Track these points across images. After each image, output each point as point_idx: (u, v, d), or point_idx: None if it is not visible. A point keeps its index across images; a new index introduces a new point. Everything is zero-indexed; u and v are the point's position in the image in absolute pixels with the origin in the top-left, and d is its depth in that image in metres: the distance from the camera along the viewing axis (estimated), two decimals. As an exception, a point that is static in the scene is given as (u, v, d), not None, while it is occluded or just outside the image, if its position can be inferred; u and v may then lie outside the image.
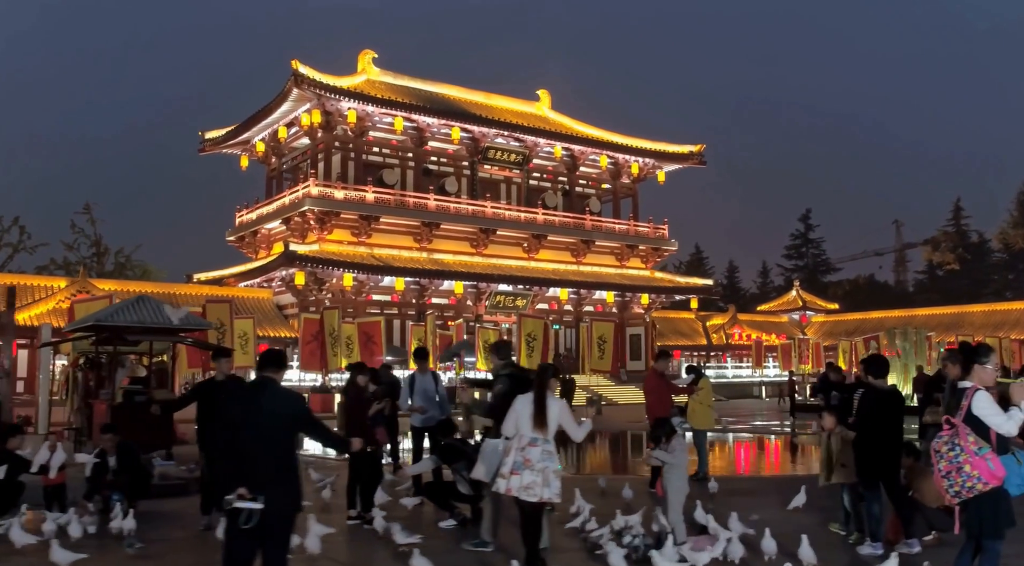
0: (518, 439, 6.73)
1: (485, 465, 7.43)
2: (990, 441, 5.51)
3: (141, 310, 13.70)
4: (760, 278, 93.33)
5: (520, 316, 27.63)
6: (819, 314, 65.30)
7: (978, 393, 5.61)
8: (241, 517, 4.72)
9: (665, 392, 11.94)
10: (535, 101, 54.28)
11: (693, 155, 53.64)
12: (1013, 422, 5.44)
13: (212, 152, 50.81)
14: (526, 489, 6.54)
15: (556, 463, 6.72)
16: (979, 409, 5.54)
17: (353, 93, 42.45)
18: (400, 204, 43.91)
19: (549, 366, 7.24)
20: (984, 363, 5.73)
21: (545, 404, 6.73)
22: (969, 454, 5.42)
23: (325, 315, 23.87)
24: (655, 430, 7.65)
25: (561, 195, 51.54)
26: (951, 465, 5.47)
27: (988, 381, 5.73)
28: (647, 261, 53.23)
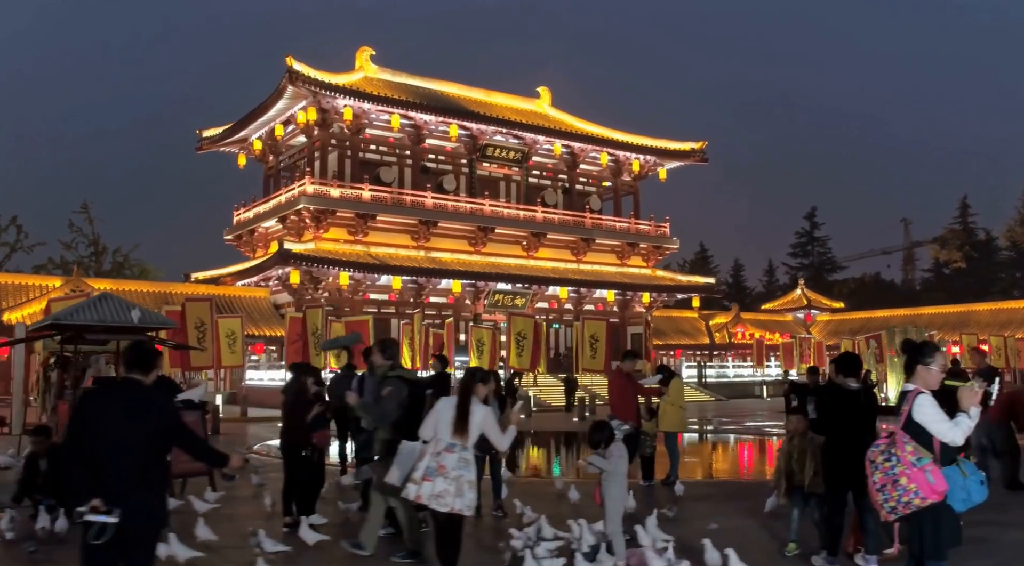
0: (435, 443, 6.31)
1: (399, 469, 7.01)
2: (933, 450, 4.97)
3: (102, 308, 13.32)
4: (766, 277, 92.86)
5: (510, 314, 27.22)
6: (824, 313, 64.67)
7: (920, 397, 5.05)
8: (92, 531, 4.32)
9: (629, 393, 11.51)
10: (535, 98, 53.83)
11: (695, 152, 53.08)
12: (959, 430, 4.90)
13: (209, 150, 50.55)
14: (437, 497, 6.13)
15: (473, 472, 6.28)
16: (921, 415, 4.99)
17: (349, 90, 42.08)
18: (397, 202, 43.53)
19: (477, 370, 6.78)
20: (928, 363, 5.20)
21: (468, 409, 6.31)
22: (906, 465, 4.88)
23: (308, 314, 23.46)
24: (592, 434, 7.20)
25: (561, 193, 51.08)
26: (886, 477, 4.94)
27: (933, 383, 5.17)
28: (648, 259, 52.72)
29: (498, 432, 6.48)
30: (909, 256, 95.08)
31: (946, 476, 4.90)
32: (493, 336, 29.61)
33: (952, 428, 4.92)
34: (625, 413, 11.21)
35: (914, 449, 4.90)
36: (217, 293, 43.55)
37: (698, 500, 10.95)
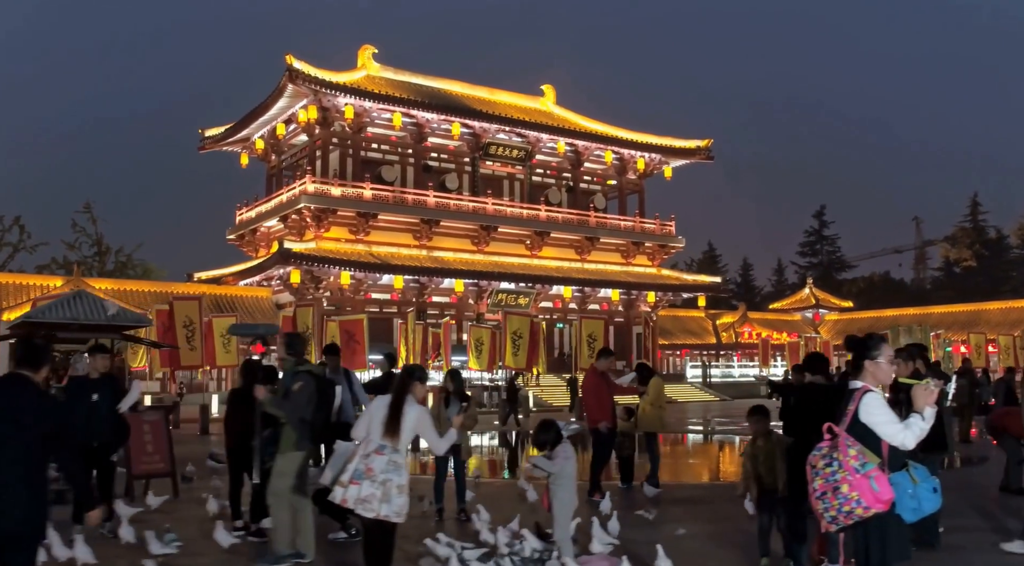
0: (365, 444, 6.00)
1: (331, 470, 6.69)
2: (881, 454, 4.54)
3: (77, 306, 13.11)
4: (775, 276, 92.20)
5: (506, 313, 26.92)
6: (832, 312, 64.13)
7: (868, 396, 4.61)
8: None
9: (605, 393, 11.18)
10: (539, 97, 53.48)
11: (700, 150, 52.66)
12: (911, 432, 4.48)
13: (212, 150, 50.44)
14: (362, 502, 5.79)
15: (403, 476, 5.93)
16: (868, 415, 4.55)
17: (349, 88, 41.87)
18: (399, 201, 43.29)
19: (415, 368, 6.45)
20: (875, 357, 4.73)
21: (400, 409, 5.99)
22: (848, 471, 4.41)
23: (299, 312, 23.30)
24: (538, 435, 6.88)
25: (565, 191, 50.75)
26: (827, 484, 4.50)
27: (883, 379, 4.77)
28: (654, 258, 52.33)
29: (434, 434, 6.15)
30: (921, 255, 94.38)
31: (894, 484, 4.49)
32: (493, 336, 29.34)
33: (903, 430, 4.50)
34: (600, 413, 10.90)
35: (858, 453, 4.46)
36: (219, 293, 43.54)
37: (675, 503, 10.62)
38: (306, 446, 7.40)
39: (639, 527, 8.77)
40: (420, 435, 6.12)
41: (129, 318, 13.89)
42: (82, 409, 8.49)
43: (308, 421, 7.33)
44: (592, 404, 11.13)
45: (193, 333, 20.43)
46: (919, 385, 4.62)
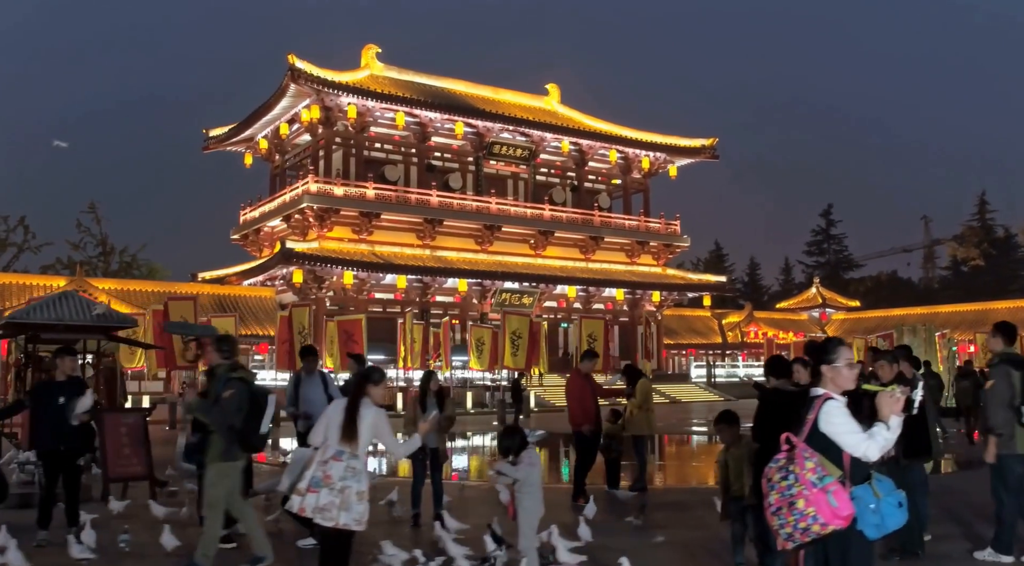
0: (323, 450, 5.83)
1: (289, 477, 6.51)
2: (843, 466, 4.24)
3: (62, 307, 12.98)
4: (782, 275, 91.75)
5: (504, 313, 26.76)
6: (840, 311, 63.75)
7: (828, 403, 4.31)
8: None
9: (589, 396, 10.96)
10: (544, 96, 53.31)
11: (705, 149, 52.42)
12: (875, 443, 4.17)
13: (216, 150, 50.41)
14: (321, 511, 5.60)
15: (363, 482, 5.75)
16: (828, 424, 4.25)
17: (352, 87, 41.77)
18: (401, 200, 43.19)
19: (371, 370, 6.25)
20: (832, 361, 4.41)
21: (356, 413, 5.81)
22: (805, 485, 4.11)
23: (294, 313, 23.16)
24: (502, 440, 6.70)
25: (569, 191, 50.57)
26: (782, 499, 4.17)
27: (844, 384, 4.41)
28: (659, 258, 52.12)
29: (391, 438, 5.96)
30: (929, 254, 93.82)
31: (855, 498, 4.19)
32: (494, 336, 29.18)
33: (865, 440, 4.19)
34: (583, 416, 10.70)
35: (815, 466, 4.17)
36: (222, 293, 43.53)
37: (662, 508, 10.41)
38: (235, 455, 7.12)
39: (615, 533, 8.58)
40: (378, 439, 5.94)
41: (116, 318, 13.76)
42: (48, 413, 8.36)
43: (238, 429, 7.02)
44: (575, 407, 10.93)
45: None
46: (884, 392, 4.30)
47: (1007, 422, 7.76)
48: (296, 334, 22.29)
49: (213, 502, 7.10)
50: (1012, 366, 7.81)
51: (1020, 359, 7.91)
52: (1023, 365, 7.79)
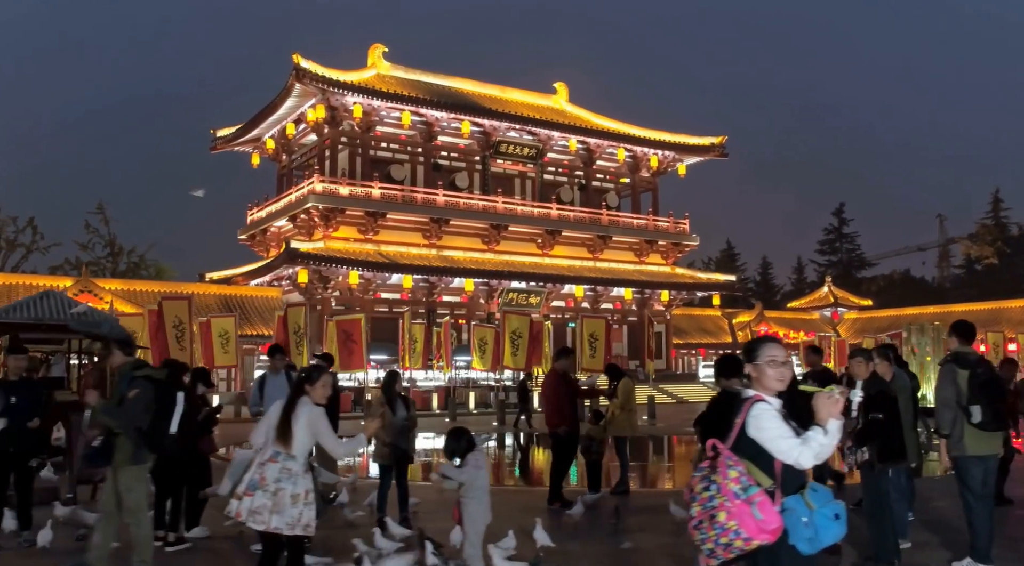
0: (262, 452, 5.65)
1: (230, 479, 6.31)
2: (774, 475, 3.90)
3: (42, 307, 12.89)
4: (795, 274, 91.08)
5: (504, 313, 26.56)
6: (852, 311, 63.22)
7: (757, 406, 3.96)
8: None
9: (565, 396, 10.63)
10: (552, 94, 53.07)
11: (714, 147, 52.06)
12: (808, 448, 3.83)
13: (223, 150, 50.44)
14: (253, 514, 5.40)
15: (300, 484, 5.52)
16: (757, 429, 3.91)
17: (357, 87, 41.66)
18: (407, 200, 43.05)
19: (313, 369, 6.07)
20: (755, 361, 4.09)
21: (292, 413, 5.61)
22: (727, 496, 3.78)
23: (289, 312, 23.08)
24: (448, 442, 6.50)
25: (577, 190, 50.32)
26: (704, 511, 3.87)
27: (773, 384, 4.05)
28: (668, 257, 51.79)
29: (331, 438, 5.76)
30: (944, 253, 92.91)
31: (786, 510, 3.84)
32: (496, 336, 29.00)
33: (798, 446, 3.83)
34: (559, 417, 10.45)
35: (740, 475, 3.84)
36: (229, 293, 43.57)
37: (641, 512, 10.15)
38: (144, 458, 6.89)
39: (581, 538, 8.36)
40: (317, 439, 5.75)
41: (97, 318, 13.66)
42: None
43: (145, 431, 6.74)
44: (550, 408, 10.67)
45: (183, 333, 20.26)
46: (821, 393, 3.95)
47: (952, 423, 7.59)
48: (291, 334, 22.17)
49: (135, 507, 6.86)
50: (958, 365, 7.63)
51: (968, 358, 7.72)
52: (970, 364, 7.61)
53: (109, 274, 50.91)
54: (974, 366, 7.54)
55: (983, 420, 7.36)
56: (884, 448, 7.49)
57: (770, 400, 4.06)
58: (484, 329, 29.98)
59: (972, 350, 7.90)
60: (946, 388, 7.58)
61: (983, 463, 7.58)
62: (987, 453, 7.59)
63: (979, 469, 7.56)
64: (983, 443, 7.53)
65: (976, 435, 7.47)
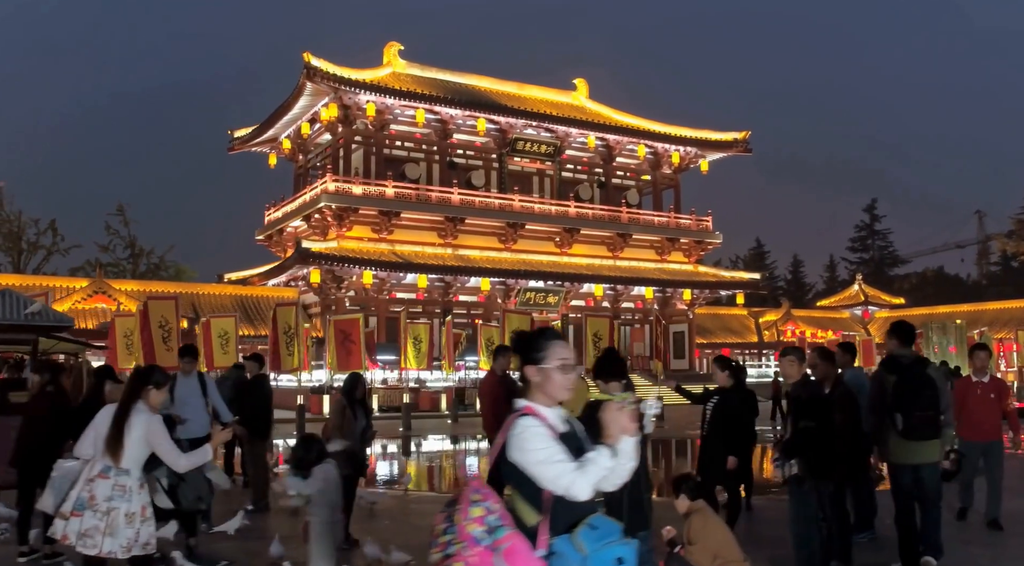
0: (90, 466, 5.04)
1: (53, 496, 5.74)
2: (541, 508, 3.09)
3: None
4: (827, 273, 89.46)
5: (504, 312, 25.93)
6: (883, 309, 61.76)
7: (521, 422, 3.21)
8: None
9: (503, 400, 9.44)
10: (572, 91, 52.33)
11: (738, 142, 51.02)
12: (585, 475, 3.05)
13: (241, 150, 50.34)
14: (83, 537, 4.81)
15: (135, 502, 4.96)
16: (519, 450, 3.15)
17: (369, 85, 41.23)
18: (422, 199, 42.56)
19: (149, 369, 5.49)
20: (540, 362, 3.29)
21: (125, 421, 5.02)
22: (465, 541, 2.98)
23: (279, 312, 22.61)
24: (295, 451, 5.86)
25: (597, 187, 49.53)
26: (441, 559, 3.05)
27: (556, 394, 3.29)
28: (690, 255, 50.83)
29: (170, 448, 5.11)
30: (984, 250, 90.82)
31: (555, 554, 3.05)
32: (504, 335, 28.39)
33: (571, 472, 3.05)
34: (497, 423, 9.70)
35: (486, 513, 2.99)
36: (245, 294, 43.45)
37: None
38: None
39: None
40: (154, 450, 5.14)
41: (52, 318, 13.27)
42: None
43: None
44: (487, 412, 9.80)
45: (170, 333, 19.82)
46: (610, 404, 3.22)
47: (878, 429, 7.02)
48: (281, 334, 21.72)
49: None
50: (887, 370, 7.03)
51: (900, 362, 7.09)
52: (902, 369, 7.00)
53: (129, 275, 51.02)
54: (903, 371, 6.98)
55: (904, 428, 6.88)
56: (814, 461, 6.80)
57: (545, 413, 3.28)
58: (491, 329, 29.39)
59: (909, 353, 7.32)
60: (874, 393, 7.23)
61: (913, 471, 7.09)
62: (917, 462, 7.06)
63: (908, 477, 7.09)
64: (910, 452, 7.03)
65: (900, 443, 7.01)
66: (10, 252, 50.09)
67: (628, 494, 5.33)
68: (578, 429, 3.37)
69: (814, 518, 6.87)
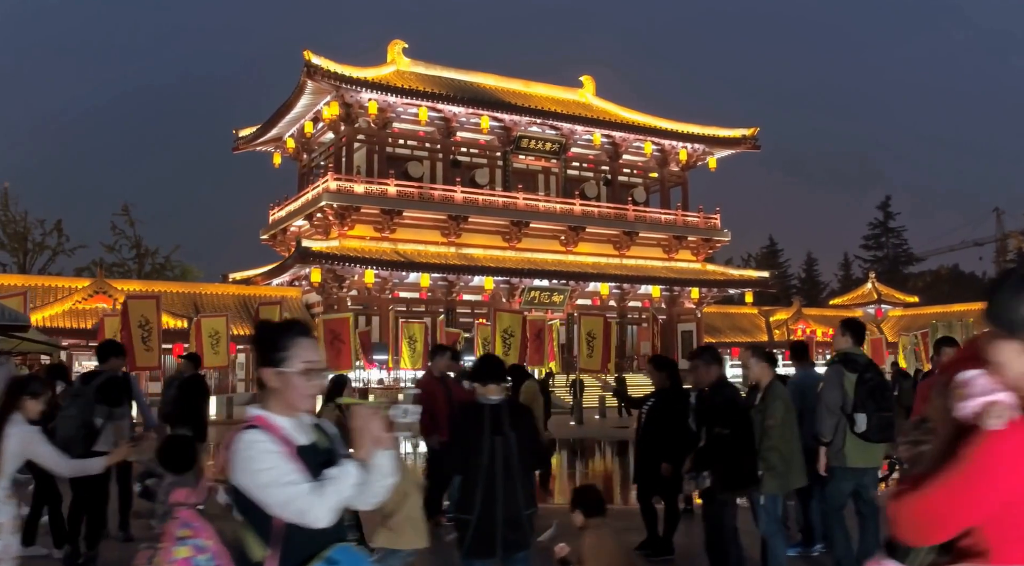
0: None
1: None
2: (268, 540, 2.62)
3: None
4: (842, 271, 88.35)
5: (495, 310, 25.51)
6: (897, 308, 60.90)
7: (245, 436, 2.67)
8: None
9: (442, 401, 9.19)
10: (578, 88, 51.86)
11: (746, 139, 50.40)
12: (324, 498, 2.58)
13: (246, 150, 50.22)
14: None
15: (3, 513, 4.53)
16: (243, 471, 2.64)
17: (370, 83, 40.94)
18: (424, 197, 42.26)
19: (26, 379, 5.14)
20: (280, 363, 2.73)
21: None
22: None
23: (262, 311, 22.35)
24: (160, 451, 5.48)
25: (603, 185, 49.09)
26: None
27: (296, 403, 2.74)
28: (698, 253, 50.27)
29: (51, 454, 4.79)
30: (1002, 247, 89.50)
31: None
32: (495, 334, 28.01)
33: (308, 494, 2.57)
34: (432, 425, 9.23)
35: (194, 551, 2.63)
36: (248, 294, 43.23)
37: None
38: None
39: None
40: (34, 459, 4.81)
41: (7, 317, 13.04)
42: None
43: None
44: (424, 413, 9.49)
45: (150, 333, 19.57)
46: (360, 409, 2.70)
47: (835, 430, 6.51)
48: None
49: None
50: (846, 367, 6.59)
51: (857, 361, 6.66)
52: (859, 368, 6.55)
53: (135, 276, 51.00)
54: (863, 370, 6.60)
55: (867, 430, 6.47)
56: (728, 473, 6.36)
57: (279, 423, 2.74)
58: (487, 328, 28.97)
59: (862, 352, 6.88)
60: (831, 392, 6.65)
61: (857, 476, 6.67)
62: (866, 466, 6.70)
63: (850, 483, 6.67)
64: (864, 454, 6.62)
65: (857, 445, 6.57)
66: (15, 253, 50.20)
67: (503, 510, 4.95)
68: (330, 437, 2.88)
69: (731, 535, 6.45)
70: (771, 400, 6.53)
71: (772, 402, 6.50)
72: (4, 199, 49.99)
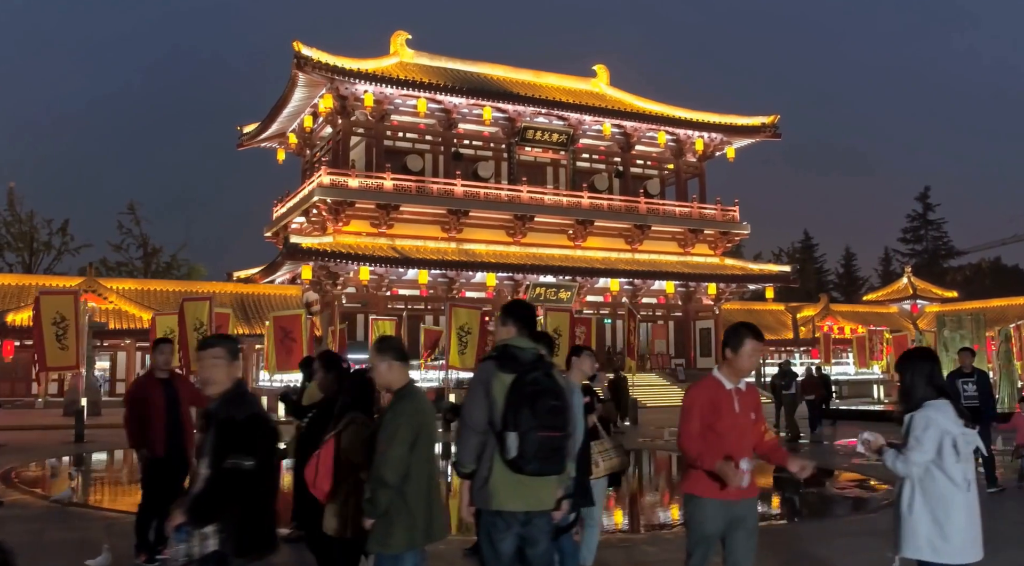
0: None
1: None
2: None
3: None
4: (881, 266, 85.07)
5: (451, 305, 24.01)
6: (934, 303, 58.09)
7: None
8: None
9: (160, 406, 7.63)
10: (591, 78, 50.05)
11: (766, 127, 48.17)
12: None
13: (250, 146, 49.39)
14: None
15: None
16: None
17: (365, 74, 39.70)
18: (423, 191, 40.87)
19: None
20: None
21: None
22: None
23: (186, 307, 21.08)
24: None
25: (614, 177, 47.26)
26: None
27: None
28: (716, 247, 48.19)
29: None
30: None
31: None
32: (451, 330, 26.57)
33: None
34: (141, 435, 7.62)
35: None
36: (247, 292, 42.51)
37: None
38: None
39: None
40: None
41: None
42: None
43: None
44: (131, 421, 7.74)
45: (65, 331, 18.45)
46: None
47: (478, 456, 4.45)
48: (191, 331, 20.17)
49: None
50: (501, 367, 4.40)
51: (520, 357, 4.37)
52: (521, 367, 4.37)
53: (141, 275, 50.51)
54: (526, 370, 4.38)
55: (519, 455, 4.27)
56: (249, 527, 4.05)
57: None
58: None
59: (531, 345, 4.51)
60: (474, 401, 4.46)
61: (516, 524, 4.41)
62: (527, 509, 4.43)
63: (508, 534, 4.40)
64: (520, 492, 4.38)
65: (507, 478, 4.36)
66: (21, 252, 49.98)
67: None
68: None
69: None
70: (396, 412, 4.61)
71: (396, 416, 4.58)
72: (10, 199, 49.83)
